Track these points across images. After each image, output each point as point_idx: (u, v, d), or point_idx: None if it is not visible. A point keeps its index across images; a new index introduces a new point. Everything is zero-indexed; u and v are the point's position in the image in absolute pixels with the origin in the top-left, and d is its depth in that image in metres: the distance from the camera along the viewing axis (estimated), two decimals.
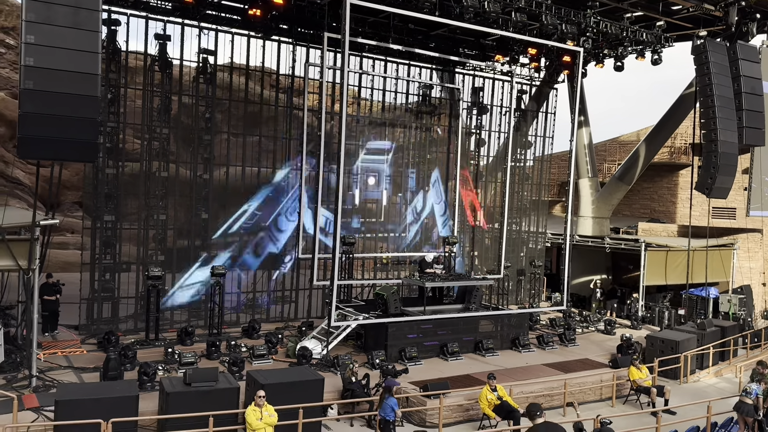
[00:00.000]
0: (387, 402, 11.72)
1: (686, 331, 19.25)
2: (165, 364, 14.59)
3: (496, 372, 14.61)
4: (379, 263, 23.74)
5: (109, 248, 17.94)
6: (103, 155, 17.47)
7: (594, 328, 22.34)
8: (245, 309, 20.28)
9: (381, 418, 11.70)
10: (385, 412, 11.62)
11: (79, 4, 11.83)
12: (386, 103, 23.52)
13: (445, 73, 24.86)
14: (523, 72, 25.62)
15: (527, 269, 25.57)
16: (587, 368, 16.99)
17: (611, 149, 35.02)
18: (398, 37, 21.09)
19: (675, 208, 33.06)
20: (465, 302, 19.59)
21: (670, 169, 33.06)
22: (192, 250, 19.32)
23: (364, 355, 16.56)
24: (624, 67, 22.20)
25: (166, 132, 18.87)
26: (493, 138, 25.76)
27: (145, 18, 18.12)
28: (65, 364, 14.68)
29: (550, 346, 19.09)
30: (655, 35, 20.81)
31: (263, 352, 15.74)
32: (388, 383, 12.55)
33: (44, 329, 16.74)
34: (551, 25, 18.29)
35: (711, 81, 20.07)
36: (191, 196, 19.42)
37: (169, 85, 18.85)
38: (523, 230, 26.55)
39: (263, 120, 21.18)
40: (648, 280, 24.57)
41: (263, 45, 20.23)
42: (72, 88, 11.80)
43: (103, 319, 17.82)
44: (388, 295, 17.90)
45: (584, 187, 27.66)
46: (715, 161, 20.19)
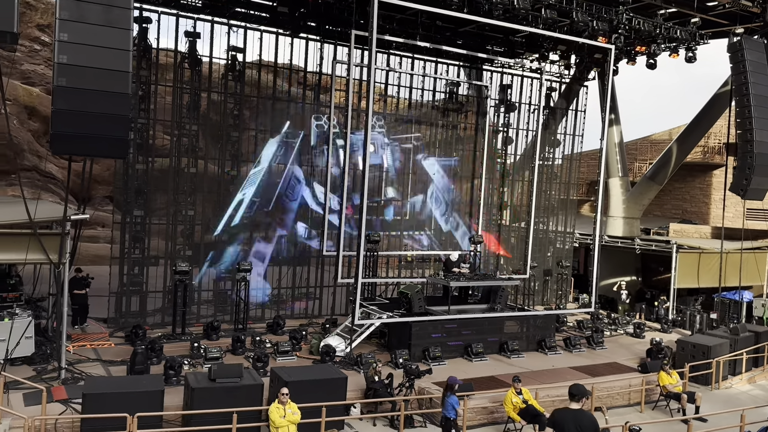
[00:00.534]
0: (448, 400, 11.83)
1: (718, 336, 18.79)
2: (191, 359, 14.74)
3: (522, 374, 14.46)
4: (404, 261, 23.66)
5: (138, 242, 18.21)
6: (133, 151, 17.70)
7: (623, 331, 21.95)
8: (270, 305, 20.38)
9: (442, 416, 11.83)
10: (447, 410, 11.77)
11: (111, 3, 11.95)
12: (413, 101, 23.41)
13: (472, 71, 24.64)
14: (553, 69, 25.26)
15: (554, 269, 25.24)
16: (615, 372, 16.70)
17: (642, 148, 34.39)
18: (426, 34, 20.95)
19: (708, 209, 32.34)
20: (490, 302, 19.40)
21: (703, 169, 32.35)
22: (218, 244, 19.47)
23: (387, 353, 16.53)
24: (657, 65, 21.70)
25: (195, 128, 19.05)
26: (521, 136, 25.47)
27: (176, 15, 18.30)
28: (94, 356, 14.93)
29: (577, 349, 18.81)
30: (689, 32, 20.32)
31: (287, 348, 15.80)
32: (450, 380, 12.32)
33: (74, 322, 17.04)
34: (582, 22, 17.98)
35: (747, 79, 19.52)
36: (219, 192, 19.58)
37: (199, 82, 19.01)
38: (550, 230, 26.21)
39: (290, 117, 21.25)
40: (679, 282, 24.07)
41: (291, 42, 20.28)
42: (104, 85, 11.95)
43: (131, 313, 18.10)
44: (412, 294, 17.82)
45: (614, 186, 27.18)
46: (751, 162, 19.64)
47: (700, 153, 31.76)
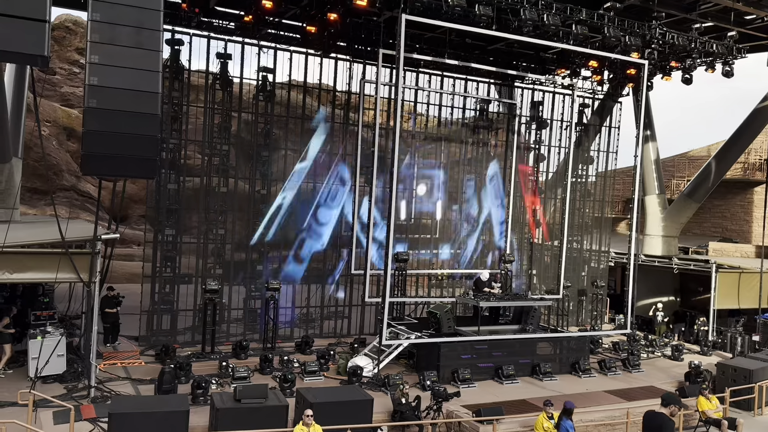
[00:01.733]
0: (563, 424, 11.80)
1: (761, 359, 18.02)
2: (218, 378, 14.73)
3: (554, 398, 14.02)
4: (434, 280, 23.42)
5: (170, 261, 18.41)
6: (165, 171, 17.99)
7: (660, 354, 21.23)
8: (299, 323, 20.34)
9: None
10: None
11: (141, 25, 12.19)
12: (442, 119, 23.32)
13: (503, 87, 24.46)
14: (585, 85, 24.90)
15: (589, 289, 24.64)
16: (652, 397, 16.06)
17: (680, 165, 33.56)
18: (455, 52, 20.92)
19: (749, 227, 31.28)
20: (521, 323, 19.01)
21: (744, 186, 31.36)
22: (249, 263, 19.57)
23: (415, 375, 16.26)
24: (692, 80, 21.22)
25: (226, 148, 19.27)
26: (554, 153, 25.11)
27: (207, 38, 18.63)
28: (123, 375, 15.04)
29: (612, 372, 18.23)
30: (726, 46, 19.82)
31: (315, 368, 15.69)
32: (567, 405, 12.23)
33: (105, 340, 17.24)
34: (614, 38, 17.70)
35: None
36: (249, 210, 19.72)
37: (230, 103, 19.27)
38: (584, 249, 25.66)
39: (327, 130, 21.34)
40: (719, 303, 23.24)
41: (321, 62, 20.42)
42: (134, 106, 12.15)
43: (162, 331, 18.25)
44: (441, 314, 17.57)
45: (651, 204, 26.52)
46: None
47: (741, 169, 30.81)
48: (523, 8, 16.36)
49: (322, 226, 20.83)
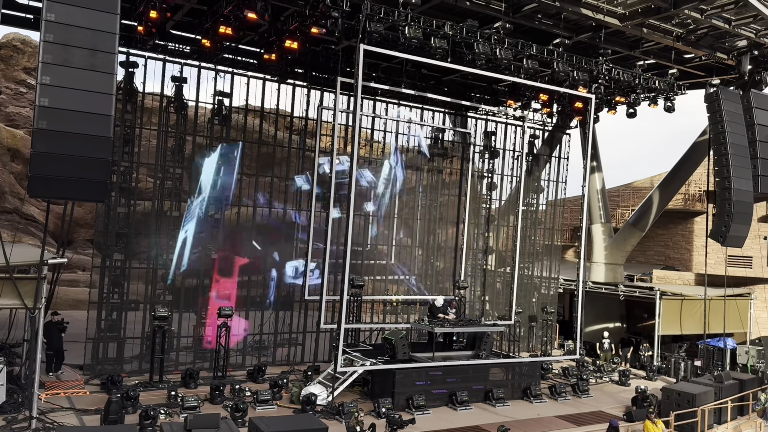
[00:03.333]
0: None
1: (703, 384, 18.64)
2: (167, 408, 14.32)
3: (507, 423, 14.19)
4: (389, 306, 23.46)
5: (117, 287, 17.90)
6: (115, 194, 17.60)
7: (608, 379, 21.75)
8: (251, 351, 19.99)
9: None
10: None
11: (96, 47, 12.07)
12: (399, 146, 23.62)
13: (457, 117, 25.01)
14: (536, 117, 25.72)
15: (539, 315, 25.12)
16: (601, 421, 16.40)
17: (624, 195, 34.78)
18: (411, 81, 21.33)
19: (690, 256, 32.55)
20: (475, 349, 19.19)
21: (685, 216, 32.69)
22: (200, 290, 19.20)
23: (370, 402, 16.18)
24: (637, 114, 22.19)
25: (180, 171, 19.01)
26: (506, 182, 25.73)
27: (163, 60, 18.49)
28: (67, 405, 14.45)
29: (562, 397, 18.56)
30: (667, 83, 20.86)
31: (267, 397, 15.42)
32: (613, 423, 13.71)
33: (48, 369, 16.55)
34: (563, 72, 18.40)
35: (724, 129, 20.02)
36: (201, 236, 19.39)
37: (184, 126, 19.08)
38: (535, 275, 26.21)
39: (276, 161, 21.33)
40: (663, 329, 24.01)
41: (278, 88, 20.52)
42: (85, 128, 11.97)
43: (108, 360, 17.65)
44: (396, 340, 17.59)
45: (597, 232, 27.36)
46: (729, 209, 19.96)
47: (682, 200, 32.15)
48: (476, 42, 16.87)
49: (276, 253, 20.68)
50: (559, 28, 18.63)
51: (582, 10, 17.64)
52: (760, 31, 19.95)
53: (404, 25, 15.82)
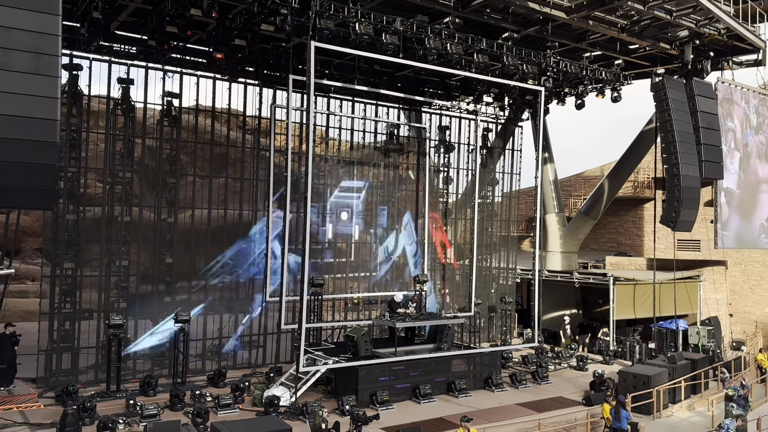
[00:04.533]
0: (622, 414, 14.12)
1: (657, 365, 19.26)
2: (126, 417, 14.03)
3: (470, 413, 14.34)
4: (349, 303, 23.44)
5: (69, 296, 17.38)
6: (63, 201, 17.05)
7: (566, 365, 22.25)
8: (211, 356, 19.69)
9: (617, 428, 13.96)
10: (621, 423, 14.00)
11: (38, 50, 11.65)
12: (354, 143, 23.59)
13: (411, 113, 25.12)
14: (488, 110, 26.04)
15: (498, 306, 25.50)
16: (561, 407, 16.83)
17: (576, 184, 35.58)
18: (364, 78, 21.31)
19: (641, 242, 33.56)
20: (437, 342, 19.36)
21: (635, 203, 33.68)
22: (156, 295, 18.80)
23: (334, 400, 16.16)
24: (585, 105, 22.69)
25: (129, 176, 18.56)
26: (461, 175, 25.99)
27: (108, 62, 17.99)
28: (21, 420, 14.00)
29: (523, 385, 18.91)
30: (613, 74, 21.39)
31: (229, 401, 15.24)
32: (620, 398, 15.01)
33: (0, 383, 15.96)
34: (512, 66, 18.67)
35: (671, 117, 20.63)
36: (155, 240, 19.00)
37: (133, 129, 18.62)
38: (493, 266, 26.59)
39: (230, 161, 21.03)
40: (617, 314, 24.69)
41: (229, 87, 20.20)
42: (30, 134, 11.59)
43: (62, 371, 17.13)
44: (358, 337, 17.60)
45: (551, 222, 27.93)
46: (678, 195, 20.60)
47: (631, 188, 33.08)
48: (427, 37, 16.97)
49: (235, 254, 20.40)
50: (507, 22, 18.88)
51: (529, 4, 17.91)
52: (700, 21, 20.64)
53: (355, 22, 15.79)
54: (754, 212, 25.28)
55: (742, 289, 31.31)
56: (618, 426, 14.02)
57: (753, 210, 25.22)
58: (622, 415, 14.17)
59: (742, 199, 24.53)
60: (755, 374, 22.79)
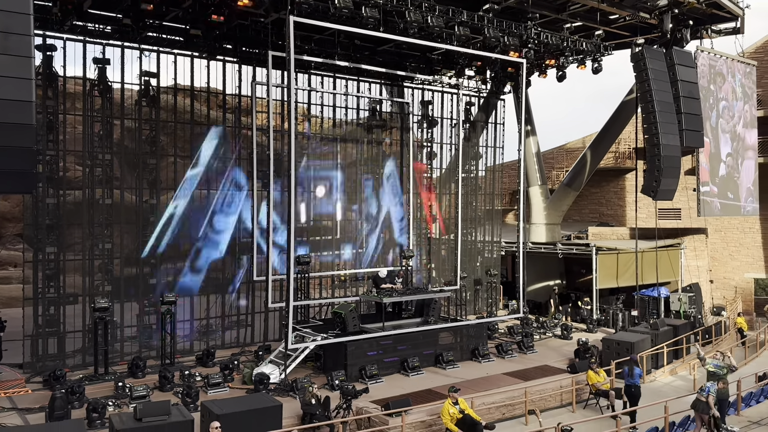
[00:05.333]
0: (636, 371, 15.05)
1: (640, 332, 19.62)
2: (115, 399, 14.01)
3: (457, 384, 14.58)
4: (337, 281, 23.50)
5: (53, 281, 17.23)
6: (42, 184, 16.81)
7: (551, 334, 22.59)
8: (199, 336, 19.70)
9: (631, 385, 14.79)
10: (635, 379, 14.86)
11: (9, 30, 11.42)
12: (337, 120, 23.44)
13: (393, 88, 24.96)
14: (471, 84, 25.95)
15: (484, 279, 25.73)
16: (547, 375, 17.11)
17: (559, 157, 35.78)
18: (345, 53, 21.09)
19: (623, 212, 33.93)
20: (424, 315, 19.52)
21: (616, 174, 33.97)
22: (141, 278, 18.70)
23: (323, 376, 16.29)
24: (566, 77, 22.68)
25: (109, 158, 18.31)
26: (445, 150, 25.95)
27: (83, 42, 17.61)
28: (8, 405, 13.95)
29: (509, 355, 19.18)
30: (594, 44, 21.38)
31: (218, 380, 15.29)
32: (633, 357, 15.88)
33: None
34: (493, 38, 18.57)
35: (650, 87, 20.72)
36: (138, 222, 18.84)
37: (111, 110, 18.32)
38: (477, 240, 26.75)
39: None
40: (601, 283, 25.03)
41: (207, 65, 19.89)
42: (5, 117, 11.40)
43: (49, 356, 17.04)
44: (346, 314, 17.69)
45: (534, 194, 28.10)
46: (659, 164, 20.80)
47: (613, 158, 33.34)
48: (408, 10, 16.77)
49: (219, 234, 20.27)
50: None
51: None
52: None
53: None
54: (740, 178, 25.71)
55: (722, 255, 31.88)
56: (632, 382, 14.91)
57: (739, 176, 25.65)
58: (636, 372, 15.06)
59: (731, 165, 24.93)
60: (735, 338, 23.35)
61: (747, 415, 14.38)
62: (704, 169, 23.79)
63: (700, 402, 12.68)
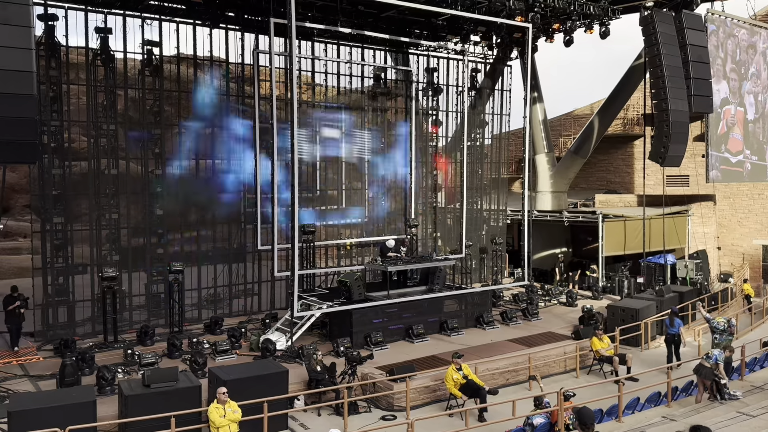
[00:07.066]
0: (676, 321, 16.35)
1: (645, 299, 19.66)
2: (125, 366, 14.26)
3: (462, 350, 14.73)
4: (342, 250, 23.59)
5: (61, 251, 17.41)
6: (48, 155, 16.88)
7: (556, 301, 22.68)
8: (207, 304, 19.92)
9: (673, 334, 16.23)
10: (675, 328, 16.25)
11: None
12: (341, 88, 23.24)
13: (398, 55, 24.65)
14: (476, 50, 25.59)
15: (489, 247, 25.75)
16: (551, 341, 17.23)
17: (566, 124, 35.43)
18: (348, 20, 20.78)
19: (631, 179, 33.70)
20: (429, 284, 19.63)
21: (624, 141, 33.64)
22: (148, 247, 18.85)
23: (329, 343, 16.49)
24: (573, 42, 22.31)
25: (114, 128, 18.30)
26: (451, 118, 25.74)
27: (84, 11, 17.47)
28: (21, 372, 14.23)
29: (513, 322, 19.30)
30: (602, 8, 20.97)
31: (226, 347, 15.52)
32: (674, 308, 17.08)
33: (13, 344, 16.02)
34: (499, 2, 18.28)
35: (659, 51, 20.34)
36: (144, 193, 18.91)
37: (114, 80, 18.25)
38: (483, 209, 26.70)
39: None
40: (607, 250, 25.02)
41: (210, 33, 19.71)
42: (6, 87, 11.41)
43: (59, 324, 17.32)
44: (351, 282, 17.82)
45: (541, 162, 27.91)
46: (667, 130, 20.54)
47: (621, 125, 32.99)
48: None
49: (225, 204, 20.36)
50: None
51: None
52: None
53: None
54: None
55: (730, 222, 31.70)
56: (674, 331, 16.31)
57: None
58: (676, 322, 16.39)
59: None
60: (742, 304, 23.35)
61: (750, 380, 14.43)
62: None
63: (704, 367, 12.71)
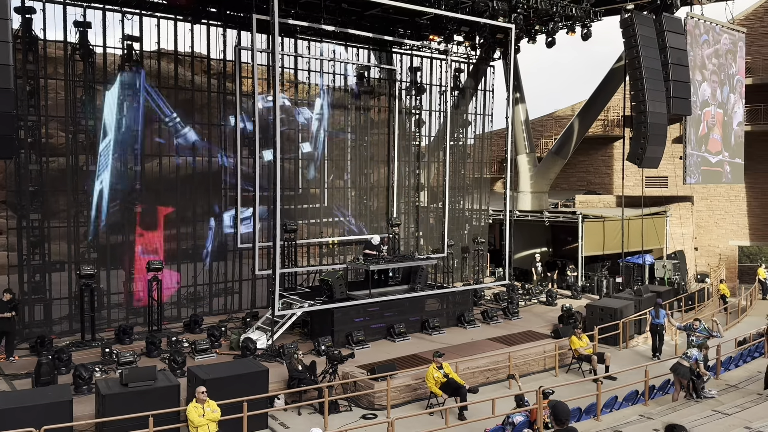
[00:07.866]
0: (660, 312, 17.36)
1: (624, 299, 19.89)
2: (102, 365, 14.07)
3: (443, 349, 14.77)
4: (324, 248, 23.52)
5: (38, 248, 17.12)
6: (25, 151, 16.57)
7: (536, 301, 22.85)
8: (186, 303, 19.74)
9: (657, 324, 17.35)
10: (660, 319, 17.26)
11: None
12: (324, 86, 23.16)
13: (382, 54, 24.64)
14: (460, 50, 25.67)
15: (471, 246, 25.86)
16: (531, 340, 17.35)
17: (547, 124, 35.68)
18: (331, 17, 20.72)
19: (611, 180, 34.04)
20: (410, 283, 19.65)
21: (604, 142, 33.96)
22: (126, 245, 18.63)
23: (310, 342, 16.43)
24: (555, 43, 22.49)
25: (92, 123, 18.04)
26: (434, 117, 25.79)
27: (63, 4, 17.19)
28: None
29: (494, 321, 19.40)
30: (584, 10, 21.15)
31: (206, 346, 15.39)
32: (658, 301, 18.07)
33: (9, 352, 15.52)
34: (482, 2, 18.35)
35: (639, 53, 20.55)
36: (122, 189, 18.66)
37: (93, 75, 17.99)
38: (465, 208, 26.79)
39: (196, 107, 20.53)
40: (586, 250, 25.25)
41: (192, 29, 19.53)
42: None
43: (35, 322, 17.02)
44: (333, 281, 17.77)
45: (522, 162, 28.07)
46: (645, 132, 20.76)
47: (601, 126, 33.30)
48: None
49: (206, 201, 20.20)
50: None
51: None
52: None
53: None
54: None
55: (708, 223, 32.18)
56: (658, 322, 17.41)
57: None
58: (661, 313, 17.42)
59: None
60: (718, 304, 23.73)
61: (725, 378, 14.67)
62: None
63: (681, 366, 12.88)
